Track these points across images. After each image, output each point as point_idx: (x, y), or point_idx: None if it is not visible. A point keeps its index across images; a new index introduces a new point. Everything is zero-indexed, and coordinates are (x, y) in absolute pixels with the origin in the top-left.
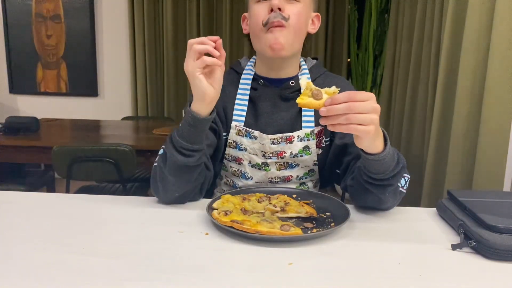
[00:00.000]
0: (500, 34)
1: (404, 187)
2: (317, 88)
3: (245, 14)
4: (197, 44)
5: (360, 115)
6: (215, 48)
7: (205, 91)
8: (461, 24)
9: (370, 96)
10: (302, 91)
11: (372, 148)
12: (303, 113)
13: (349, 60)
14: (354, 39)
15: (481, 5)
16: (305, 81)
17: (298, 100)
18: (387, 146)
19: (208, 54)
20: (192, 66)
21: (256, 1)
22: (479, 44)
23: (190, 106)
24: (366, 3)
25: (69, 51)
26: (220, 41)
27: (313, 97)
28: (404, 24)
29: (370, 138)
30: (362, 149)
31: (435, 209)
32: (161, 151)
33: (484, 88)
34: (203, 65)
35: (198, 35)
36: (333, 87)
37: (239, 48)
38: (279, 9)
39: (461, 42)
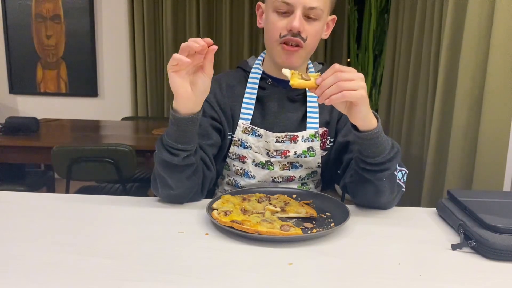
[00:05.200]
0: (500, 34)
1: (402, 181)
2: (304, 72)
3: (261, 4)
4: (185, 44)
5: (350, 82)
6: (207, 52)
7: (176, 89)
8: (461, 24)
9: (352, 68)
10: (289, 78)
11: (367, 121)
12: (308, 114)
13: (349, 60)
14: (354, 39)
15: (481, 5)
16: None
17: (291, 82)
18: (379, 121)
19: None
20: (168, 64)
21: (274, 11)
22: (479, 44)
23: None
24: (366, 3)
25: (69, 51)
26: (214, 47)
27: (303, 79)
28: (404, 24)
29: (366, 105)
30: (357, 131)
31: (435, 209)
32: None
33: (484, 88)
34: (173, 63)
35: (198, 35)
36: (317, 73)
37: (239, 48)
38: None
39: (461, 42)
